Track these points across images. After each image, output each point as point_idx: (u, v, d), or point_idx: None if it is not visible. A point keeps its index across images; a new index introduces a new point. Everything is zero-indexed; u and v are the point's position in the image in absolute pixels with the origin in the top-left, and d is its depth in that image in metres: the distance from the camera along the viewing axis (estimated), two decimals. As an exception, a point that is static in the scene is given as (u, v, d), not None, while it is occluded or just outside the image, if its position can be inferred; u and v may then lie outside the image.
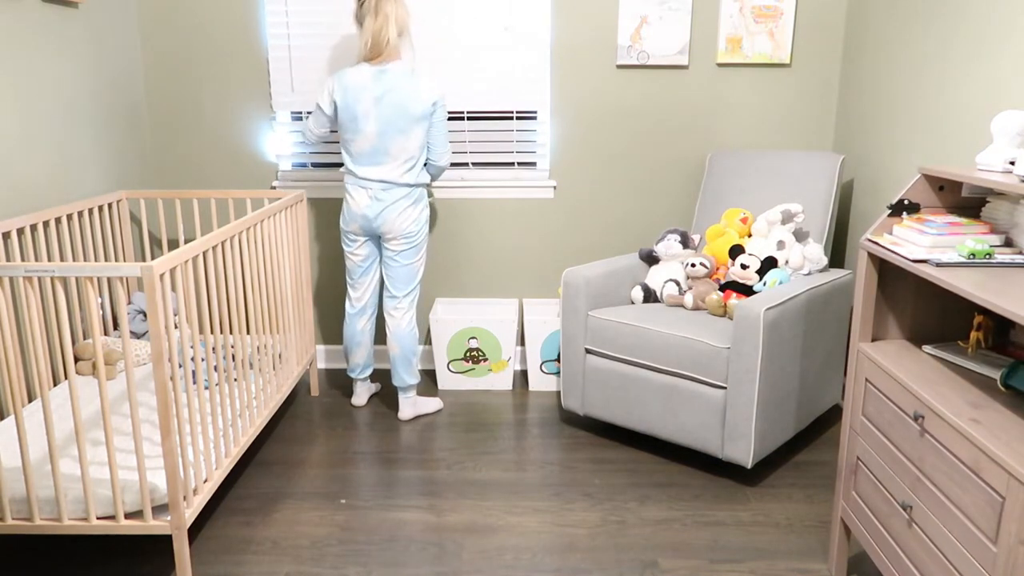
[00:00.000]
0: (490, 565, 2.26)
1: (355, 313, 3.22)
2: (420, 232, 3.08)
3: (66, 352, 2.00)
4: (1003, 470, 1.40)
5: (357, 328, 3.23)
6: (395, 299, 3.15)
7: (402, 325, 3.15)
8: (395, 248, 3.07)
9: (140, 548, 2.30)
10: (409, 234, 3.04)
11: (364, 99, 2.90)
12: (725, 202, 3.27)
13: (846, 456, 2.09)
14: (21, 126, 2.62)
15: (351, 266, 3.16)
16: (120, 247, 3.20)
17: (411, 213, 3.02)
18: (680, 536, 2.40)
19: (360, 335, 3.24)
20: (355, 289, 3.19)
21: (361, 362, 3.28)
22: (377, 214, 3.00)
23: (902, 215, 1.95)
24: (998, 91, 2.29)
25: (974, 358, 1.86)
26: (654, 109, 3.49)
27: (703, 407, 2.66)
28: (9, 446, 2.15)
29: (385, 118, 2.90)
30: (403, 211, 3.00)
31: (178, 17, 3.42)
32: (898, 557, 1.79)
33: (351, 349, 3.26)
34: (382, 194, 2.98)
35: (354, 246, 3.12)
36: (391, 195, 2.98)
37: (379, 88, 2.89)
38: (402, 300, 3.14)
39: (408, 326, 3.15)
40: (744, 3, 3.34)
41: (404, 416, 3.23)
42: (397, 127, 2.91)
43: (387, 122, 2.90)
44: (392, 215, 2.99)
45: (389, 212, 2.99)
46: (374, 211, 3.00)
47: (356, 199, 3.01)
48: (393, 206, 2.99)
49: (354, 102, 2.90)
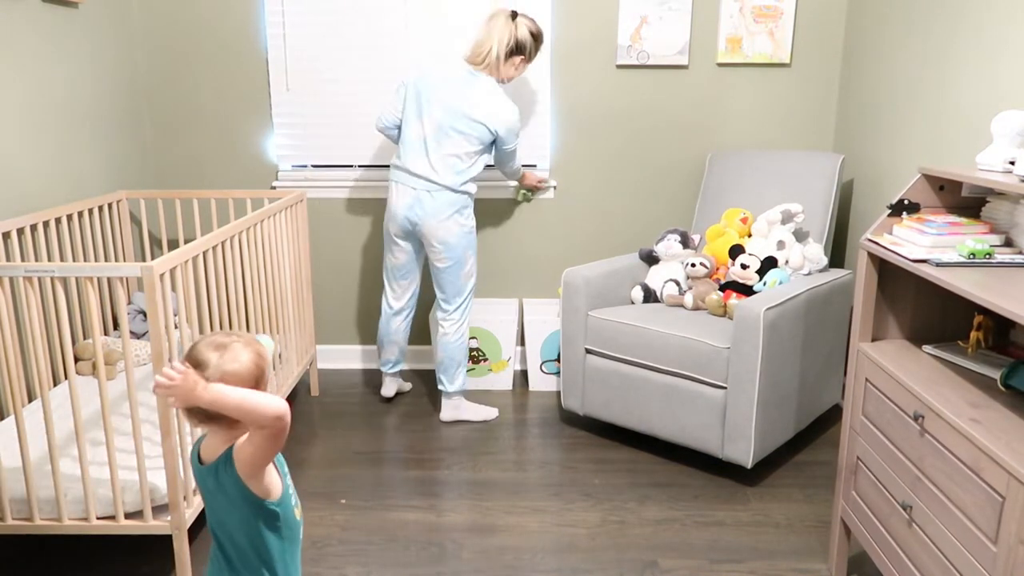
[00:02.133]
0: (490, 565, 2.26)
1: (392, 313, 3.20)
2: (460, 245, 2.99)
3: (66, 352, 2.00)
4: (1003, 470, 1.40)
5: (392, 327, 3.21)
6: (445, 311, 3.09)
7: (450, 336, 3.08)
8: (437, 259, 3.02)
9: (140, 548, 2.30)
10: (448, 244, 2.97)
11: (440, 86, 2.90)
12: (725, 202, 3.27)
13: (846, 456, 2.09)
14: (21, 126, 2.62)
15: (390, 267, 3.13)
16: (120, 247, 3.20)
17: (454, 224, 2.96)
18: (680, 536, 2.40)
19: (395, 334, 3.22)
20: (393, 290, 3.17)
21: (392, 358, 3.28)
22: (420, 218, 2.95)
23: (902, 215, 1.95)
24: (998, 91, 2.29)
25: (974, 358, 1.86)
26: (654, 109, 3.49)
27: (703, 407, 2.66)
28: (9, 446, 2.15)
29: (450, 111, 2.89)
30: (446, 219, 2.95)
31: (178, 17, 3.42)
32: (898, 557, 1.79)
33: (384, 345, 3.25)
34: (426, 196, 2.93)
35: (395, 249, 3.08)
36: (436, 200, 2.92)
37: (460, 84, 2.90)
38: (452, 312, 3.08)
39: (457, 339, 3.08)
40: (744, 3, 3.34)
41: (444, 418, 3.20)
42: (455, 127, 2.89)
43: (449, 116, 2.89)
44: (434, 223, 2.94)
45: (431, 219, 2.94)
46: (416, 214, 2.96)
47: (397, 196, 2.98)
48: (434, 212, 2.93)
49: (429, 85, 2.91)
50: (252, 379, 1.38)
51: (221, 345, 1.37)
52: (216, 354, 1.35)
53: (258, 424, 1.30)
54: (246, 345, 1.39)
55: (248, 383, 1.36)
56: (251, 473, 1.35)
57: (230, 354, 1.36)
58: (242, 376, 1.36)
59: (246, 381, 1.36)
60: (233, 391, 1.29)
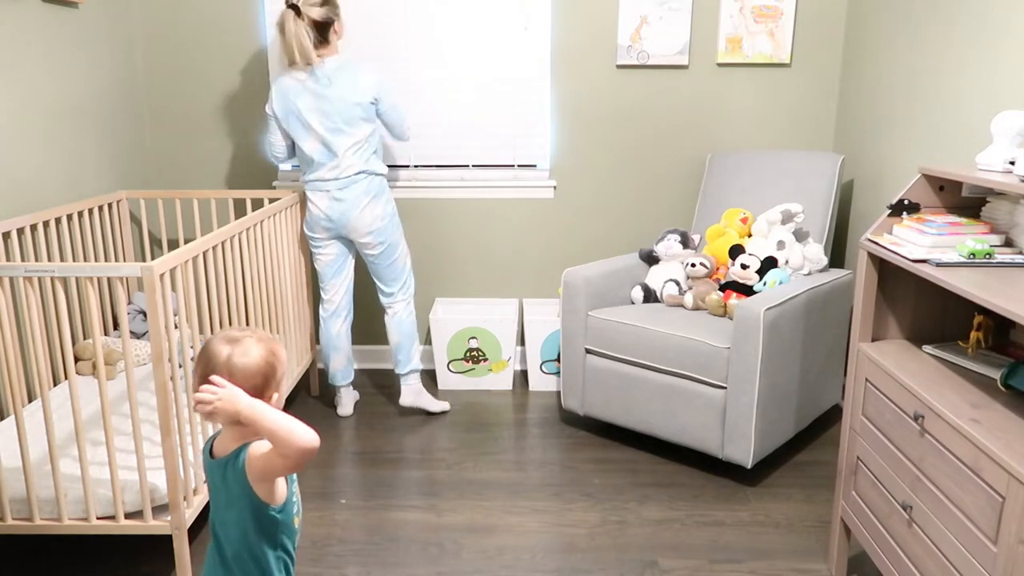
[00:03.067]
0: (490, 565, 2.26)
1: (328, 317, 3.18)
2: (387, 229, 3.05)
3: (66, 352, 2.00)
4: (1003, 470, 1.40)
5: (332, 332, 3.18)
6: (389, 295, 3.16)
7: (402, 317, 3.17)
8: (370, 252, 3.06)
9: (140, 548, 2.30)
10: (375, 231, 3.02)
11: (305, 97, 2.88)
12: (725, 202, 3.27)
13: (846, 456, 2.09)
14: (21, 126, 2.61)
15: (320, 268, 3.13)
16: (120, 247, 3.20)
17: (373, 209, 3.00)
18: (680, 536, 2.40)
19: (337, 339, 3.18)
20: (326, 291, 3.16)
21: (341, 368, 3.22)
22: (341, 214, 2.97)
23: (902, 215, 1.95)
24: (998, 91, 2.29)
25: (974, 358, 1.86)
26: (654, 109, 3.49)
27: (703, 407, 2.66)
28: (9, 446, 2.14)
29: (330, 113, 2.88)
30: (364, 208, 2.98)
31: (178, 17, 3.42)
32: (898, 557, 1.79)
33: (329, 355, 3.20)
34: (340, 193, 2.95)
35: (321, 247, 3.09)
36: (349, 193, 2.95)
37: (321, 84, 2.88)
38: (396, 295, 3.16)
39: (408, 317, 3.18)
40: (744, 3, 3.34)
41: (404, 402, 3.23)
42: (344, 121, 2.90)
43: (333, 117, 2.89)
44: (354, 214, 2.97)
45: (351, 212, 2.97)
46: (336, 212, 2.97)
47: (317, 203, 2.99)
48: (353, 204, 2.96)
49: (294, 103, 2.90)
50: (261, 376, 1.37)
51: (233, 339, 1.37)
52: (228, 347, 1.35)
53: (283, 452, 1.28)
54: (259, 341, 1.38)
55: (256, 379, 1.36)
56: (260, 478, 1.33)
57: (240, 348, 1.36)
58: (250, 372, 1.35)
59: (254, 377, 1.36)
60: (271, 413, 1.29)
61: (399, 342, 3.18)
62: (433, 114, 3.49)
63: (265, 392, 1.38)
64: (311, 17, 2.81)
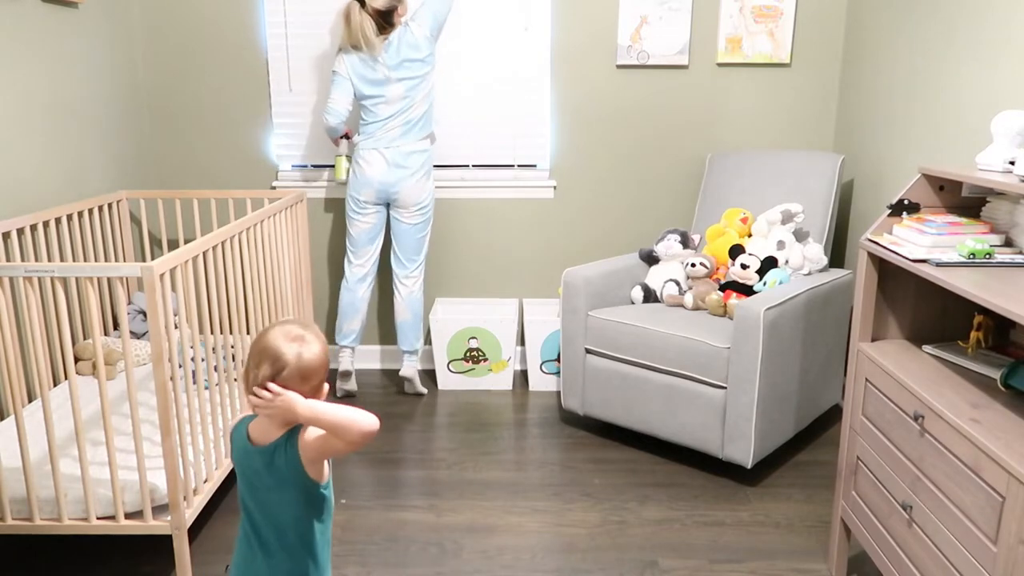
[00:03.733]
0: (490, 565, 2.26)
1: (357, 281, 3.31)
2: (431, 203, 3.26)
3: (66, 352, 2.00)
4: (1003, 470, 1.40)
5: (358, 295, 3.32)
6: (407, 268, 3.29)
7: (415, 292, 3.32)
8: (410, 221, 3.21)
9: (140, 548, 2.30)
10: (423, 203, 3.19)
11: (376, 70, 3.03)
12: (725, 202, 3.27)
13: (846, 456, 2.09)
14: (21, 126, 2.61)
15: (357, 234, 3.25)
16: (120, 247, 3.20)
17: (426, 184, 3.18)
18: (680, 536, 2.40)
19: (360, 302, 3.33)
20: (359, 257, 3.29)
21: (356, 330, 3.35)
22: (397, 180, 3.12)
23: (902, 215, 1.95)
24: (998, 91, 2.29)
25: (974, 358, 1.86)
26: (654, 109, 3.49)
27: (703, 407, 2.66)
28: (9, 446, 2.15)
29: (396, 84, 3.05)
30: (419, 180, 3.15)
31: (178, 17, 3.42)
32: (898, 557, 1.79)
33: (348, 316, 3.32)
34: (403, 160, 3.10)
35: (364, 213, 3.21)
36: (411, 162, 3.11)
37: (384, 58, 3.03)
38: (414, 269, 3.30)
39: (419, 294, 3.34)
40: (744, 3, 3.34)
41: (406, 373, 3.39)
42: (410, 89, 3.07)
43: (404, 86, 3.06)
44: (409, 183, 3.13)
45: (407, 180, 3.12)
46: (393, 177, 3.12)
47: (373, 165, 3.12)
48: (411, 174, 3.12)
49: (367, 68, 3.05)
50: (322, 369, 1.44)
51: (298, 337, 1.41)
52: (295, 346, 1.40)
53: (346, 439, 1.36)
54: (316, 336, 1.45)
55: (321, 373, 1.44)
56: (314, 460, 1.39)
57: (306, 347, 1.41)
58: (316, 366, 1.42)
59: (321, 368, 1.43)
60: (329, 408, 1.36)
61: (410, 320, 3.33)
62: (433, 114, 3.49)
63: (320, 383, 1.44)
64: (375, 7, 2.98)
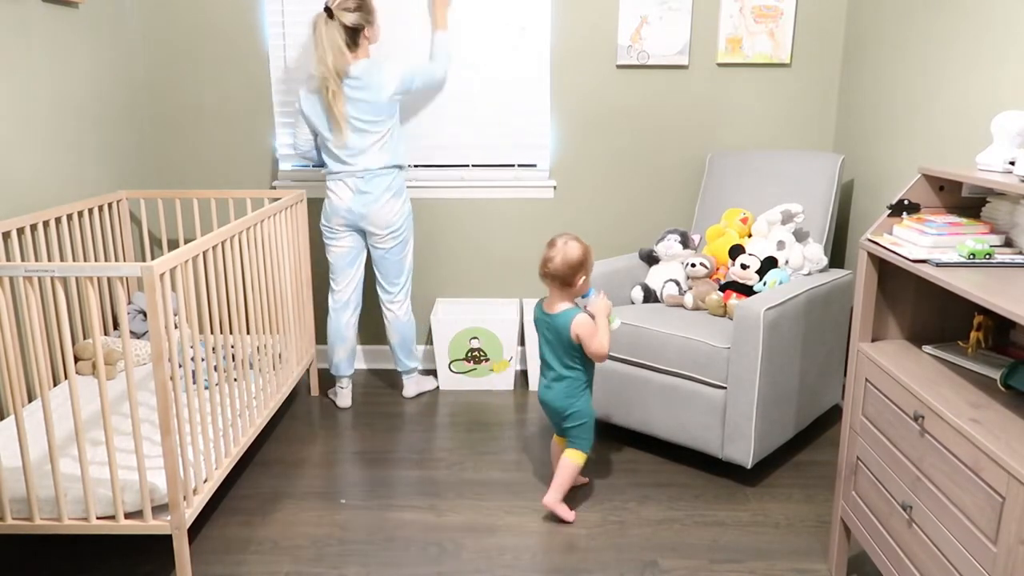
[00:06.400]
0: (490, 565, 2.26)
1: (339, 308, 3.28)
2: (405, 225, 3.18)
3: (66, 352, 2.00)
4: (1003, 470, 1.40)
5: (341, 323, 3.29)
6: (391, 293, 3.27)
7: (400, 316, 3.29)
8: (383, 246, 3.17)
9: (140, 548, 2.30)
10: (394, 225, 3.14)
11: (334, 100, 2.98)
12: (725, 202, 3.27)
13: (846, 456, 2.09)
14: (21, 126, 2.62)
15: (334, 259, 3.23)
16: (120, 247, 3.20)
17: (394, 205, 3.11)
18: (680, 536, 2.40)
19: (345, 330, 3.29)
20: (337, 283, 3.26)
21: (345, 359, 3.32)
22: (363, 207, 3.08)
23: (902, 215, 1.95)
24: (998, 91, 2.29)
25: (974, 358, 1.86)
26: (654, 109, 3.49)
27: (703, 407, 2.66)
28: (9, 446, 2.15)
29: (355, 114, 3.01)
30: (386, 203, 3.09)
31: (178, 17, 3.42)
32: (898, 557, 1.79)
33: (335, 345, 3.31)
34: (365, 186, 3.06)
35: (336, 239, 3.19)
36: (374, 187, 3.07)
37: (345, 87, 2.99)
38: (398, 294, 3.27)
39: (406, 316, 3.31)
40: (744, 3, 3.34)
41: (408, 394, 3.43)
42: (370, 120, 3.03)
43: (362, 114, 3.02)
44: (376, 207, 3.08)
45: (373, 205, 3.08)
46: (359, 204, 3.08)
47: (339, 194, 3.10)
48: (376, 197, 3.07)
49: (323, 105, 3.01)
50: (580, 263, 2.31)
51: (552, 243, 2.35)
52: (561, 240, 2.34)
53: (590, 351, 2.35)
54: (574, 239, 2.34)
55: (578, 266, 2.32)
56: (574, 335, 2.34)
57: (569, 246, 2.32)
58: (573, 261, 2.31)
59: (579, 262, 2.32)
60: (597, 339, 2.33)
61: (400, 343, 3.33)
62: (433, 114, 3.49)
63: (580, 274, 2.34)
64: (343, 22, 2.92)
